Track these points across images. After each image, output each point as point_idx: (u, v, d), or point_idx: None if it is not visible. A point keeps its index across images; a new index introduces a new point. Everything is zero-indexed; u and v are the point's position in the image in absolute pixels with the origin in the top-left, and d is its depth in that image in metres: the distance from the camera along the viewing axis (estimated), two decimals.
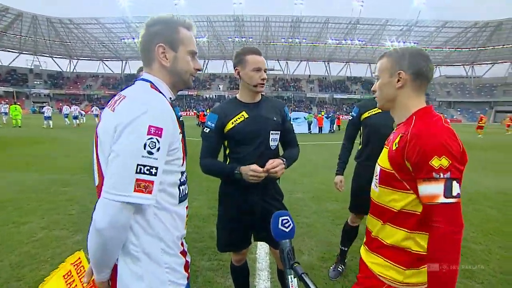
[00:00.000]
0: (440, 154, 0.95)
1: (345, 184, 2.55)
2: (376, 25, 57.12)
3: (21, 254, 2.79)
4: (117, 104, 0.91)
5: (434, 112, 1.10)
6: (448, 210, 0.95)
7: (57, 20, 58.44)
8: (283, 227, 0.98)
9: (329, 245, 3.15)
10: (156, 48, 0.98)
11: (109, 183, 0.81)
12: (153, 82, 0.99)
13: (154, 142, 0.83)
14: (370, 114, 2.38)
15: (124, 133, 0.82)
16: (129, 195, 0.80)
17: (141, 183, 0.81)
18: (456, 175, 0.95)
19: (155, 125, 0.83)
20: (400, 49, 1.16)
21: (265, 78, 1.70)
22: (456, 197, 0.95)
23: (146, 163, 0.82)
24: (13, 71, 62.12)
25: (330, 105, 62.79)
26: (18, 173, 5.98)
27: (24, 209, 3.98)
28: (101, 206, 0.82)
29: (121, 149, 0.82)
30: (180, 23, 1.02)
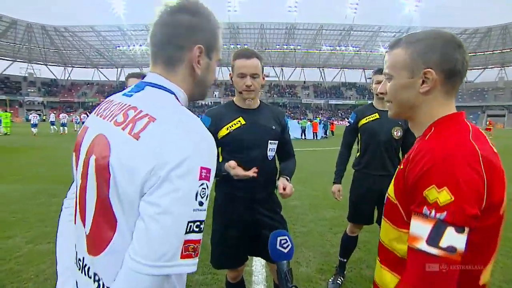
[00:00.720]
0: (441, 185, 0.66)
1: (343, 192, 2.47)
2: (369, 32, 58.13)
3: (3, 271, 2.63)
4: (143, 128, 0.63)
5: (463, 121, 0.79)
6: (426, 263, 0.65)
7: (52, 28, 58.36)
8: (281, 248, 0.94)
9: (327, 256, 3.04)
10: (194, 48, 0.73)
11: (145, 250, 0.58)
12: (177, 94, 0.74)
13: (205, 188, 0.63)
14: (367, 120, 2.31)
15: (172, 179, 0.59)
16: (175, 264, 0.59)
17: (190, 245, 0.61)
18: (457, 220, 0.64)
19: (206, 166, 0.63)
20: (422, 34, 0.80)
21: (248, 85, 1.55)
22: (444, 249, 0.64)
23: (196, 218, 0.61)
24: (6, 79, 61.67)
25: (325, 110, 63.27)
26: (2, 184, 5.78)
27: (8, 222, 3.80)
28: (130, 283, 0.59)
29: (169, 203, 0.59)
30: (218, 25, 0.79)
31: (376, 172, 2.24)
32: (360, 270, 2.76)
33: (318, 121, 22.19)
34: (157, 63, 0.75)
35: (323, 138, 20.53)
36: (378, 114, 2.27)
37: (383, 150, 2.23)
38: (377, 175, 2.23)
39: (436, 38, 0.79)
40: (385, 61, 0.88)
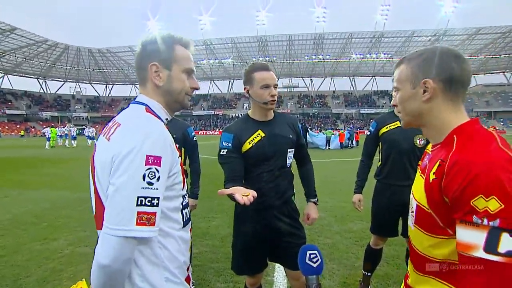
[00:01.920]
0: (489, 194, 0.68)
1: (366, 202, 2.40)
2: (402, 37, 55.81)
3: (48, 270, 2.92)
4: (112, 132, 0.88)
5: (482, 128, 0.83)
6: (488, 270, 0.67)
7: (96, 50, 64.36)
8: (310, 262, 0.94)
9: (352, 269, 2.93)
10: (149, 67, 0.94)
11: (109, 217, 0.79)
12: (148, 104, 0.95)
13: (153, 172, 0.80)
14: (388, 128, 2.25)
15: (122, 165, 0.79)
16: (131, 229, 0.77)
17: (143, 215, 0.79)
18: (510, 225, 0.67)
19: (153, 154, 0.81)
20: (422, 50, 0.91)
21: (275, 94, 1.64)
22: (504, 255, 0.66)
23: (146, 195, 0.79)
24: (58, 98, 68.76)
25: (357, 120, 61.22)
26: (50, 191, 6.41)
27: (54, 225, 4.22)
28: (103, 242, 0.79)
29: (120, 182, 0.79)
30: (176, 41, 0.98)
31: (399, 182, 2.15)
32: (386, 286, 2.62)
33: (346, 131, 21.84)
34: (139, 86, 1.01)
35: (350, 147, 20.05)
36: (399, 122, 2.20)
37: (405, 159, 2.14)
38: (400, 185, 2.13)
39: (433, 52, 0.88)
40: (393, 78, 0.99)
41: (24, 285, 2.64)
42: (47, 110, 63.27)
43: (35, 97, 65.03)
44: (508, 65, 58.81)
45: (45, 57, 60.45)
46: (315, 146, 18.67)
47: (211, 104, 68.05)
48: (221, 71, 68.57)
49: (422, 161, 0.99)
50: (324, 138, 19.60)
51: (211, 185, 5.77)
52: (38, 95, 66.05)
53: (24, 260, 3.13)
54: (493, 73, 62.27)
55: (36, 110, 61.95)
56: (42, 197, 5.87)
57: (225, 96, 70.99)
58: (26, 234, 3.86)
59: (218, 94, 72.14)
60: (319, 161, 11.76)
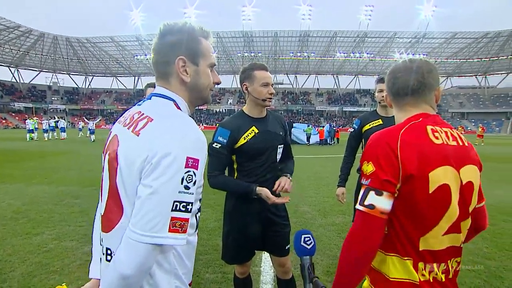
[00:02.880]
0: (369, 159, 0.92)
1: (349, 196, 2.55)
2: (384, 38, 57.38)
3: (33, 264, 2.88)
4: (142, 127, 0.80)
5: (415, 120, 0.99)
6: (358, 217, 0.91)
7: (75, 40, 61.43)
8: (305, 244, 1.04)
9: (335, 259, 3.10)
10: (176, 61, 0.87)
11: (141, 222, 0.72)
12: (176, 100, 0.89)
13: (191, 175, 0.75)
14: (371, 126, 2.41)
15: (161, 165, 0.73)
16: (164, 236, 0.72)
17: (176, 221, 0.74)
18: (375, 184, 0.89)
19: (192, 156, 0.76)
20: (389, 71, 1.11)
21: (273, 92, 1.75)
22: (366, 206, 0.88)
23: (182, 199, 0.74)
24: (33, 88, 65.20)
25: (339, 118, 62.57)
26: (31, 185, 6.19)
27: (36, 220, 4.11)
28: (128, 249, 0.73)
29: (157, 185, 0.72)
30: (201, 33, 0.91)
31: None
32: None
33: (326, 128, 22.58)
34: (158, 79, 0.92)
35: (329, 144, 20.81)
36: (381, 120, 2.36)
37: None
38: None
39: (389, 72, 1.10)
40: None
41: (9, 279, 2.59)
42: (20, 101, 59.89)
43: (6, 87, 61.30)
44: (480, 69, 62.05)
45: (17, 44, 56.87)
46: (296, 142, 19.38)
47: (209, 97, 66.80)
48: None
49: None
50: (304, 134, 20.45)
51: None
52: (9, 85, 62.30)
53: (7, 255, 3.05)
54: (466, 76, 65.50)
55: (8, 101, 58.49)
56: (22, 192, 5.66)
57: None
58: (6, 230, 3.75)
59: None
60: (304, 158, 12.01)
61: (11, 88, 61.78)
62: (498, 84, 63.83)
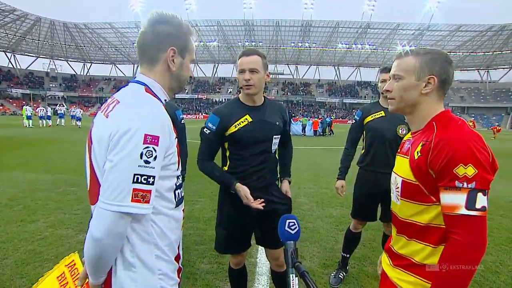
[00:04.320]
0: (466, 162, 0.88)
1: (348, 189, 2.51)
2: (387, 29, 56.48)
3: (26, 252, 2.85)
4: (111, 109, 0.89)
5: (454, 116, 1.02)
6: (470, 222, 0.87)
7: (73, 25, 60.25)
8: (289, 229, 1.03)
9: (331, 251, 3.09)
10: (168, 50, 0.96)
11: (105, 193, 0.80)
12: (148, 84, 0.96)
13: (151, 151, 0.82)
14: (373, 117, 2.34)
15: (120, 142, 0.81)
16: (126, 205, 0.80)
17: (138, 192, 0.81)
18: (483, 186, 0.87)
19: (151, 134, 0.82)
20: (428, 49, 1.05)
21: (247, 79, 1.62)
22: (480, 210, 0.87)
23: (143, 173, 0.81)
24: (30, 74, 64.38)
25: (340, 109, 62.31)
26: (27, 173, 6.14)
27: (31, 208, 4.07)
28: (97, 216, 0.81)
29: (117, 159, 0.80)
30: (190, 32, 1.02)
31: (380, 170, 2.25)
32: (362, 267, 2.80)
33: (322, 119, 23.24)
34: (142, 63, 0.99)
35: (323, 135, 21.24)
36: (384, 112, 2.29)
37: (388, 148, 2.24)
38: (381, 172, 2.24)
39: (439, 54, 1.03)
40: (394, 66, 1.09)
41: (2, 267, 2.57)
42: (17, 87, 59.22)
43: (3, 73, 60.44)
44: (482, 63, 61.47)
45: (13, 29, 55.70)
46: (293, 133, 19.49)
47: (194, 88, 66.50)
48: (205, 54, 66.66)
49: (402, 147, 1.14)
50: (300, 125, 20.90)
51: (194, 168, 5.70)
52: (6, 70, 61.44)
53: (0, 242, 3.02)
54: (469, 70, 64.95)
55: (5, 87, 57.81)
56: (18, 179, 5.60)
57: (209, 80, 69.54)
58: (0, 217, 3.71)
59: (202, 77, 70.47)
60: (303, 149, 11.97)
61: (8, 74, 60.91)
62: (500, 79, 63.44)
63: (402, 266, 1.06)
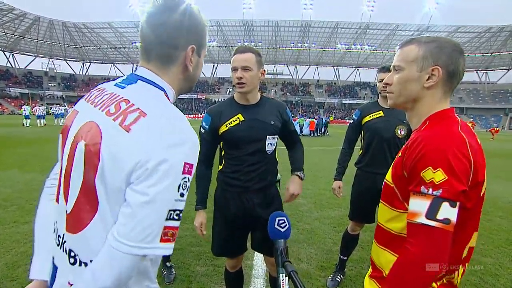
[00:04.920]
0: (436, 166, 0.76)
1: (346, 190, 2.47)
2: (386, 30, 56.62)
3: (18, 254, 2.80)
4: (134, 122, 0.68)
5: (453, 115, 0.89)
6: (427, 234, 0.75)
7: (71, 25, 60.12)
8: (279, 227, 1.00)
9: (329, 253, 3.05)
10: (189, 48, 0.79)
11: (132, 233, 0.64)
12: (166, 90, 0.79)
13: (186, 181, 0.69)
14: (371, 117, 2.30)
15: (159, 172, 0.65)
16: (155, 247, 0.66)
17: (169, 231, 0.68)
18: (450, 195, 0.75)
19: (189, 162, 0.69)
20: (434, 37, 0.90)
21: (239, 77, 1.57)
22: (441, 221, 0.74)
23: (177, 208, 0.69)
24: (29, 74, 64.19)
25: (339, 110, 62.36)
26: (24, 173, 6.07)
27: (25, 208, 4.01)
28: (110, 260, 0.65)
29: (154, 193, 0.65)
30: (206, 23, 0.85)
31: (379, 170, 2.21)
32: (360, 269, 2.75)
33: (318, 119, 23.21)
34: (151, 60, 0.79)
35: (318, 135, 21.34)
36: (382, 112, 2.26)
37: (386, 148, 2.21)
38: (379, 173, 2.20)
39: (446, 42, 0.89)
40: (396, 56, 0.96)
41: None
42: (16, 87, 59.01)
43: (1, 72, 60.24)
44: (481, 64, 61.64)
45: (11, 28, 55.55)
46: None
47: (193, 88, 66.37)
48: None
49: None
50: (297, 125, 20.90)
51: None
52: (4, 69, 61.24)
53: None
54: (467, 71, 65.09)
55: (3, 86, 57.59)
56: (14, 179, 5.54)
57: (208, 80, 69.51)
58: None
59: (201, 77, 70.37)
60: None
61: (6, 73, 60.73)
62: (499, 80, 63.61)
63: (375, 278, 0.97)
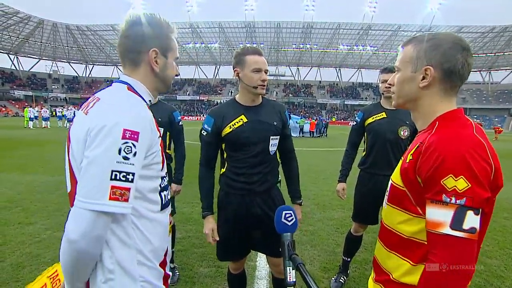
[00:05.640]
0: (458, 173, 0.73)
1: (349, 191, 2.47)
2: (388, 31, 56.44)
3: (23, 254, 2.82)
4: (90, 106, 0.86)
5: (464, 116, 0.86)
6: (454, 245, 0.73)
7: (75, 27, 60.58)
8: (285, 220, 1.01)
9: (332, 255, 3.04)
10: (150, 52, 0.94)
11: (82, 191, 0.76)
12: (131, 84, 0.95)
13: (130, 146, 0.78)
14: (374, 119, 2.30)
15: (98, 137, 0.77)
16: (104, 203, 0.75)
17: (116, 190, 0.76)
18: (475, 204, 0.72)
19: (130, 129, 0.79)
20: (433, 34, 0.88)
21: (265, 79, 1.61)
22: (467, 231, 0.72)
23: (121, 169, 0.77)
24: (33, 76, 64.69)
25: (341, 111, 62.20)
26: (26, 174, 6.12)
27: (30, 210, 4.05)
28: (73, 216, 0.76)
29: (94, 155, 0.77)
30: (171, 30, 1.00)
31: (382, 172, 2.21)
32: (364, 271, 2.75)
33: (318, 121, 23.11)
34: (125, 65, 0.98)
35: (318, 136, 21.27)
36: (385, 113, 2.25)
37: (389, 149, 2.20)
38: (383, 174, 2.19)
39: (443, 39, 0.86)
40: (398, 56, 0.97)
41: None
42: (20, 89, 59.48)
43: (6, 74, 60.78)
44: (484, 64, 61.26)
45: (16, 31, 56.03)
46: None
47: (196, 89, 66.62)
48: (207, 56, 66.89)
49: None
50: (297, 126, 20.78)
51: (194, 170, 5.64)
52: (9, 72, 61.77)
53: None
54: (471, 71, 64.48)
55: (8, 88, 58.07)
56: (17, 181, 5.59)
57: (210, 82, 69.64)
58: None
59: (203, 79, 70.62)
60: (304, 150, 11.92)
61: (11, 76, 61.25)
62: (502, 80, 63.16)
63: (381, 282, 0.95)
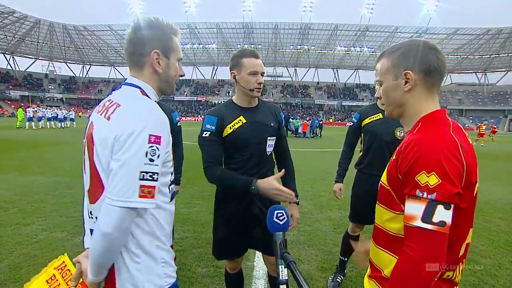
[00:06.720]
0: (429, 170, 0.80)
1: (346, 191, 2.49)
2: (385, 32, 56.74)
3: (20, 255, 2.81)
4: (111, 112, 0.94)
5: (444, 117, 0.92)
6: (424, 236, 0.79)
7: (72, 27, 60.23)
8: (277, 220, 1.03)
9: (329, 254, 3.07)
10: (152, 54, 1.01)
11: (114, 190, 0.86)
12: (142, 87, 1.03)
13: (155, 149, 0.89)
14: (371, 120, 2.32)
15: (127, 142, 0.87)
16: (135, 201, 0.86)
17: (144, 188, 0.88)
18: (445, 198, 0.79)
19: (155, 134, 0.89)
20: (399, 44, 0.98)
21: (261, 82, 1.64)
22: (437, 224, 0.78)
23: (148, 170, 0.88)
24: (29, 76, 64.23)
25: (338, 112, 62.43)
26: (23, 175, 6.09)
27: (27, 210, 4.03)
28: (106, 212, 0.87)
29: (125, 158, 0.86)
30: (173, 31, 1.06)
31: (378, 172, 2.21)
32: (361, 270, 2.77)
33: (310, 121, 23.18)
34: (131, 68, 1.06)
35: (311, 137, 21.34)
36: (382, 114, 2.28)
37: (386, 150, 2.23)
38: (379, 175, 2.20)
39: (411, 45, 0.96)
40: (376, 72, 1.06)
41: None
42: (16, 89, 59.02)
43: (1, 74, 60.26)
44: (480, 66, 61.81)
45: (12, 31, 55.56)
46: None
47: (193, 90, 66.51)
48: (205, 56, 66.80)
49: None
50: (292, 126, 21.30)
51: (192, 171, 5.74)
52: (5, 72, 61.27)
53: None
54: (466, 72, 65.27)
55: (3, 89, 57.60)
56: (14, 182, 5.55)
57: (208, 82, 69.58)
58: None
59: (201, 80, 70.51)
60: (301, 151, 11.96)
61: (7, 76, 60.75)
62: (497, 82, 63.73)
63: (375, 278, 1.00)
